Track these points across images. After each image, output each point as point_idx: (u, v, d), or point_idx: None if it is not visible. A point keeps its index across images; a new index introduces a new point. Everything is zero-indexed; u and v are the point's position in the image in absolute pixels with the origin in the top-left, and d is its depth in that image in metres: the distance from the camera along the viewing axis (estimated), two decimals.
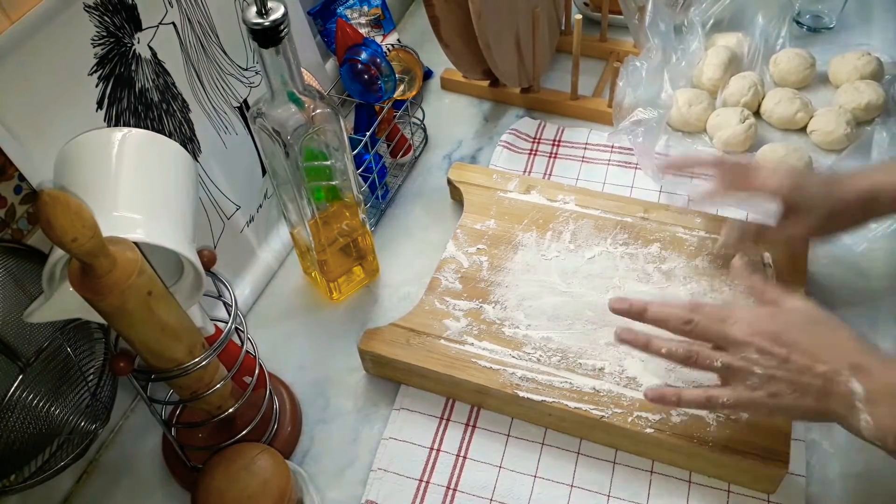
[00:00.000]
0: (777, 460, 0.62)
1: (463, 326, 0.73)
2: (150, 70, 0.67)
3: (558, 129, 0.98)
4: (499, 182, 0.87)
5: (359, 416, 0.73)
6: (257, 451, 0.61)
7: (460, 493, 0.67)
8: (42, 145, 0.57)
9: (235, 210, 0.80)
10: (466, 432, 0.70)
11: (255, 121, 0.66)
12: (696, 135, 0.95)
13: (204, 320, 0.63)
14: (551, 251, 0.79)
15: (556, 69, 1.07)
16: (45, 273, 0.51)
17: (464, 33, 0.89)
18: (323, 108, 0.66)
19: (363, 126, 0.87)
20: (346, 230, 0.78)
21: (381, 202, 0.91)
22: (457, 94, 1.07)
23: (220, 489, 0.59)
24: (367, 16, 1.00)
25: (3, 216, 0.61)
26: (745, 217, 0.81)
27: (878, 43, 1.06)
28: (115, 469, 0.71)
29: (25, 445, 0.59)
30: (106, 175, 0.54)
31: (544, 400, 0.67)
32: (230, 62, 0.77)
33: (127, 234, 0.50)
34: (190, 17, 0.71)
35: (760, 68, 1.01)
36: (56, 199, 0.41)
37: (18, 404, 0.58)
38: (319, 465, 0.70)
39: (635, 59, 0.93)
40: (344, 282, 0.82)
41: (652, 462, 0.67)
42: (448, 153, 0.99)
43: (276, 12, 0.58)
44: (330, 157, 0.71)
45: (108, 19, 0.62)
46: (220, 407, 0.64)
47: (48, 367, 0.60)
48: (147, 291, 0.49)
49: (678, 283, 0.75)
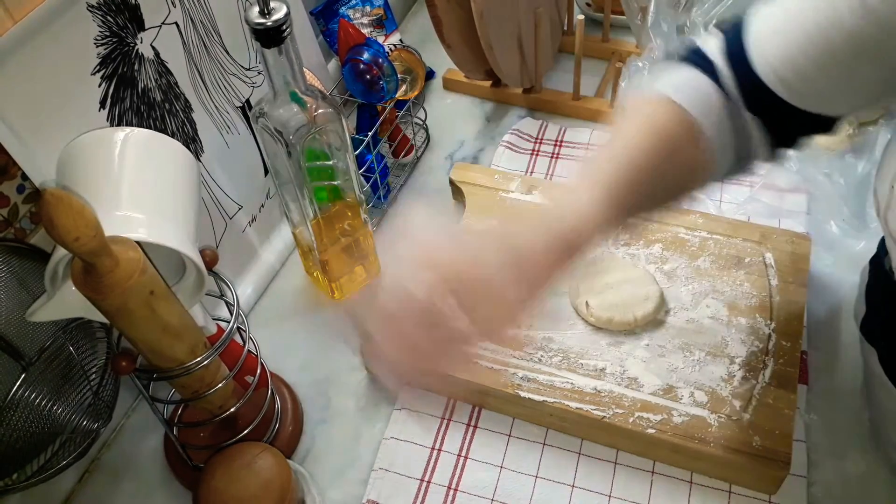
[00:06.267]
0: (779, 461, 0.62)
1: None
2: (153, 70, 0.67)
3: (560, 130, 0.98)
4: (501, 182, 0.87)
5: (360, 416, 0.73)
6: (259, 450, 0.61)
7: (461, 493, 0.67)
8: (45, 145, 0.58)
9: (237, 210, 0.80)
10: (468, 432, 0.70)
11: (257, 121, 0.66)
12: None
13: (206, 320, 0.63)
14: None
15: (559, 69, 1.07)
16: (48, 272, 0.51)
17: (466, 33, 0.89)
18: (325, 108, 0.66)
19: (365, 126, 0.87)
20: (348, 230, 0.78)
21: (382, 202, 0.91)
22: (459, 94, 1.07)
23: (221, 488, 0.59)
24: (369, 16, 1.00)
25: (6, 215, 0.61)
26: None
27: None
28: (117, 468, 0.71)
29: (27, 444, 0.59)
30: (108, 174, 0.54)
31: (545, 400, 0.67)
32: (233, 62, 0.77)
33: (129, 233, 0.50)
34: (193, 17, 0.71)
35: None
36: (59, 198, 0.41)
37: (21, 403, 0.58)
38: (321, 464, 0.70)
39: (637, 59, 0.93)
40: (346, 282, 0.82)
41: (653, 462, 0.67)
42: (450, 153, 0.99)
43: (278, 12, 0.58)
44: (332, 157, 0.71)
45: (111, 19, 0.62)
46: (221, 406, 0.64)
47: (50, 366, 0.60)
48: (149, 291, 0.49)
49: (680, 283, 0.75)
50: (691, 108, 0.52)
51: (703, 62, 0.54)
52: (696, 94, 0.53)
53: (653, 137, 0.51)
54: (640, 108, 0.54)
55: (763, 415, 0.64)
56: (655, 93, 0.54)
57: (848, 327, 0.75)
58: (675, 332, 0.71)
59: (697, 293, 0.74)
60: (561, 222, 0.48)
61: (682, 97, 0.52)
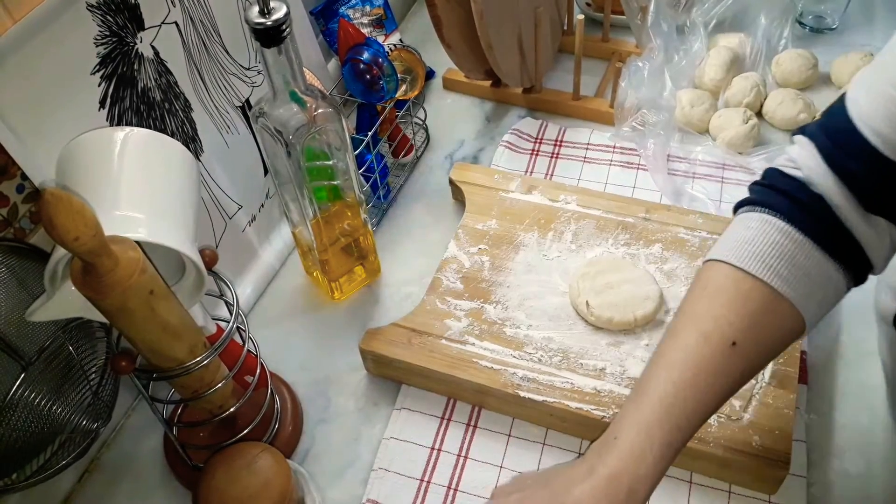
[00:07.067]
0: (778, 461, 0.62)
1: (464, 326, 0.73)
2: (153, 69, 0.67)
3: (560, 130, 0.98)
4: (500, 182, 0.87)
5: (360, 416, 0.73)
6: (258, 450, 0.61)
7: (461, 492, 0.67)
8: (44, 144, 0.58)
9: (237, 209, 0.80)
10: (467, 432, 0.70)
11: (257, 120, 0.66)
12: (698, 135, 0.95)
13: (205, 319, 0.63)
14: (553, 251, 0.79)
15: (558, 69, 1.07)
16: (48, 272, 0.51)
17: (466, 33, 0.89)
18: (325, 107, 0.66)
19: (365, 126, 0.87)
20: (347, 230, 0.78)
21: (382, 202, 0.91)
22: (459, 94, 1.07)
23: (221, 488, 0.59)
24: (369, 16, 1.00)
25: (6, 215, 0.61)
26: None
27: (880, 44, 1.05)
28: (117, 468, 0.71)
29: (27, 444, 0.59)
30: (108, 174, 0.54)
31: (545, 400, 0.67)
32: (232, 61, 0.77)
33: (129, 233, 0.50)
34: (192, 17, 0.71)
35: (763, 69, 1.01)
36: (58, 198, 0.41)
37: (20, 403, 0.58)
38: (320, 464, 0.70)
39: (637, 59, 0.93)
40: (345, 281, 0.82)
41: None
42: (450, 153, 0.99)
43: (278, 12, 0.58)
44: (332, 157, 0.71)
45: (110, 18, 0.62)
46: (221, 406, 0.64)
47: (50, 365, 0.60)
48: (149, 290, 0.49)
49: (680, 283, 0.75)
50: (763, 273, 0.49)
51: (776, 197, 0.51)
52: (767, 249, 0.50)
53: (722, 344, 0.49)
54: (706, 293, 0.52)
55: (763, 414, 0.64)
56: (720, 264, 0.51)
57: (848, 327, 0.75)
58: None
59: None
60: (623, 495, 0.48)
61: (749, 262, 0.50)
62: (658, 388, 0.50)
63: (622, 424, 0.50)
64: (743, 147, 0.91)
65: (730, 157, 0.91)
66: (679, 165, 0.92)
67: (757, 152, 0.90)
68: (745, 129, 0.91)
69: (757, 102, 0.96)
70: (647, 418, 0.49)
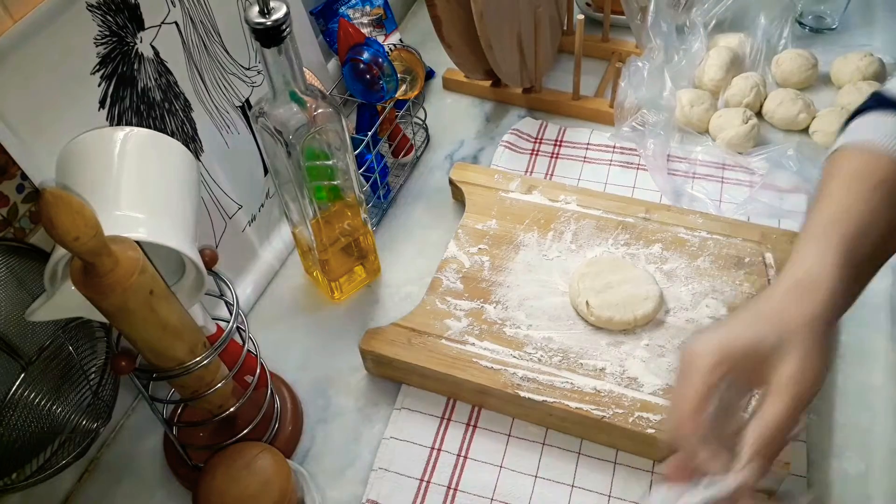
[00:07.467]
0: (779, 461, 0.61)
1: (464, 326, 0.73)
2: (153, 69, 0.67)
3: (560, 130, 0.98)
4: (500, 182, 0.87)
5: (360, 416, 0.73)
6: (258, 450, 0.61)
7: (461, 492, 0.67)
8: (44, 144, 0.57)
9: (237, 209, 0.80)
10: (467, 432, 0.70)
11: (257, 120, 0.66)
12: (698, 135, 0.95)
13: (205, 319, 0.63)
14: (553, 251, 0.79)
15: (558, 69, 1.07)
16: (47, 272, 0.51)
17: (466, 33, 0.89)
18: (325, 107, 0.66)
19: (365, 126, 0.87)
20: (347, 230, 0.78)
21: (382, 202, 0.91)
22: (459, 94, 1.07)
23: (221, 488, 0.59)
24: (369, 15, 1.00)
25: (6, 215, 0.61)
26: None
27: (880, 44, 1.06)
28: (117, 468, 0.71)
29: (27, 444, 0.59)
30: (108, 174, 0.54)
31: (545, 400, 0.67)
32: (232, 61, 0.77)
33: (129, 232, 0.50)
34: (192, 17, 0.71)
35: (762, 69, 1.01)
36: (58, 197, 0.41)
37: (20, 403, 0.58)
38: (320, 464, 0.70)
39: (637, 59, 0.94)
40: (345, 281, 0.82)
41: (653, 462, 0.67)
42: (450, 153, 0.99)
43: (278, 12, 0.58)
44: (332, 157, 0.71)
45: (110, 18, 0.62)
46: (221, 406, 0.64)
47: (50, 365, 0.60)
48: (149, 290, 0.49)
49: (680, 283, 0.75)
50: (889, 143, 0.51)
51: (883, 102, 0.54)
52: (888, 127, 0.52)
53: (869, 191, 0.51)
54: (841, 167, 0.54)
55: None
56: (850, 148, 0.54)
57: (847, 327, 0.75)
58: (674, 331, 0.71)
59: (697, 293, 0.74)
60: (813, 298, 0.48)
61: (878, 137, 0.52)
62: (823, 210, 0.51)
63: (797, 245, 0.51)
64: (743, 147, 0.91)
65: (730, 157, 0.91)
66: (679, 165, 0.92)
67: (757, 152, 0.90)
68: (745, 129, 0.91)
69: (757, 102, 0.96)
70: (821, 223, 0.50)
